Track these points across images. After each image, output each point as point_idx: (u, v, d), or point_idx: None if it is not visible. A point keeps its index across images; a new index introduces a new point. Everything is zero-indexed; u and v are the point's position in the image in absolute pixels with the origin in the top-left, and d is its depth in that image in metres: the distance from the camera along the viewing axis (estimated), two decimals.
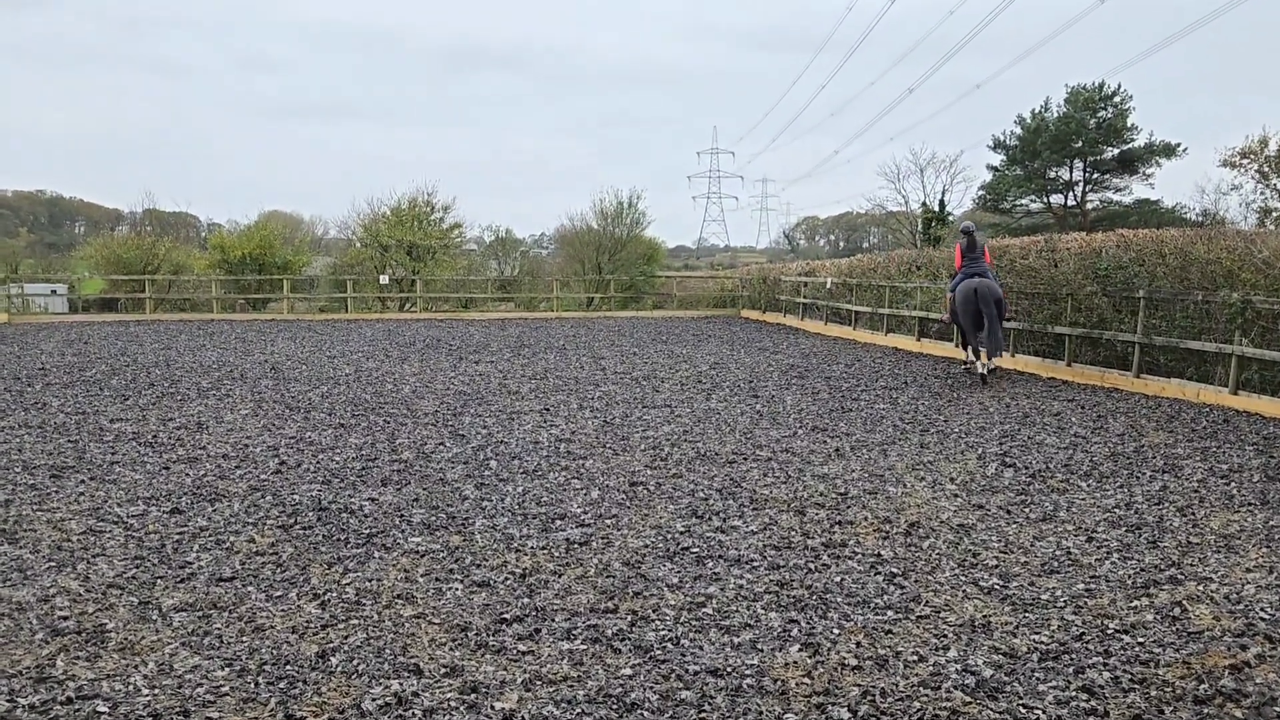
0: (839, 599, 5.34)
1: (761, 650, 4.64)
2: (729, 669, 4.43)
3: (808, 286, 26.53)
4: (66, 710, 4.01)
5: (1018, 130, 54.57)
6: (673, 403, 12.16)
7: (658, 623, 4.99)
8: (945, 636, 4.81)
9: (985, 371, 14.07)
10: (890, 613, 5.13)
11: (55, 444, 9.42)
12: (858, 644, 4.72)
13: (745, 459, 8.86)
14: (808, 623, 4.98)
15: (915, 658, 4.56)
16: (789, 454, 9.09)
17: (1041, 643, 4.73)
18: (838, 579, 5.66)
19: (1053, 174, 54.39)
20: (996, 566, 5.88)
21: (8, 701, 4.07)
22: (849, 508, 7.22)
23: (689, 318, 29.76)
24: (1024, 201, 56.00)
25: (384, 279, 31.70)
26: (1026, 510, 7.15)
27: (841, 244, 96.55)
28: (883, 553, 6.14)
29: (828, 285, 24.77)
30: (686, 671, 4.40)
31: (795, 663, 4.51)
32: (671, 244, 79.27)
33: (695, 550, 6.17)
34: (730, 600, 5.31)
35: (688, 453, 9.11)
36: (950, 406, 11.91)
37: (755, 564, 5.92)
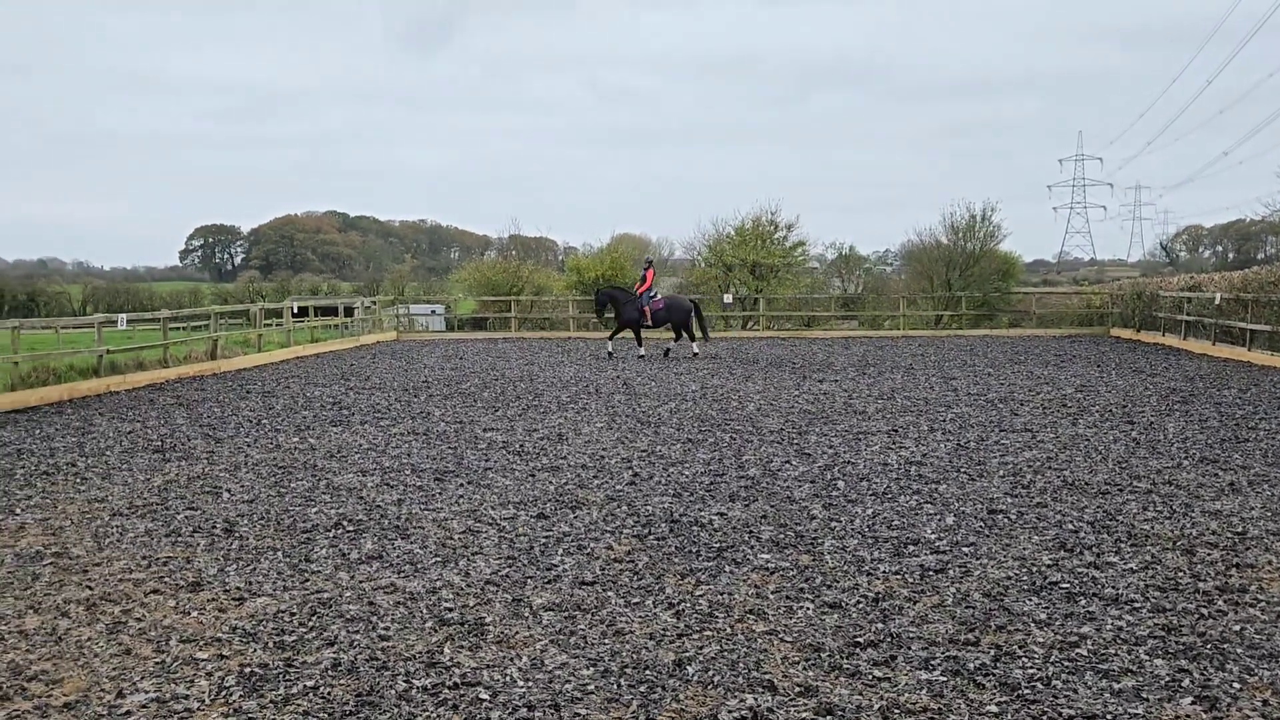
0: (1239, 649, 4.73)
1: (1147, 699, 4.19)
2: (1109, 716, 4.03)
3: (1192, 303, 24.09)
4: (453, 695, 4.36)
5: None
6: (1033, 427, 11.41)
7: (1025, 660, 4.65)
8: None
9: (696, 352, 21.87)
10: None
11: (438, 450, 10.39)
12: (1264, 702, 4.15)
13: (1120, 490, 8.12)
14: (1201, 673, 4.45)
15: None
16: (1172, 486, 8.22)
17: None
18: (1236, 627, 5.02)
19: None
20: None
21: (404, 682, 4.50)
22: (1248, 549, 6.40)
23: (1049, 336, 27.92)
24: None
25: (727, 298, 32.35)
26: None
27: (1230, 255, 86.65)
28: None
29: (1216, 301, 22.37)
30: (1059, 715, 4.06)
31: (1188, 716, 4.03)
32: (1029, 258, 74.75)
33: (1065, 585, 5.71)
34: (1108, 642, 4.85)
35: (1053, 481, 8.48)
36: None
37: (1136, 605, 5.38)
